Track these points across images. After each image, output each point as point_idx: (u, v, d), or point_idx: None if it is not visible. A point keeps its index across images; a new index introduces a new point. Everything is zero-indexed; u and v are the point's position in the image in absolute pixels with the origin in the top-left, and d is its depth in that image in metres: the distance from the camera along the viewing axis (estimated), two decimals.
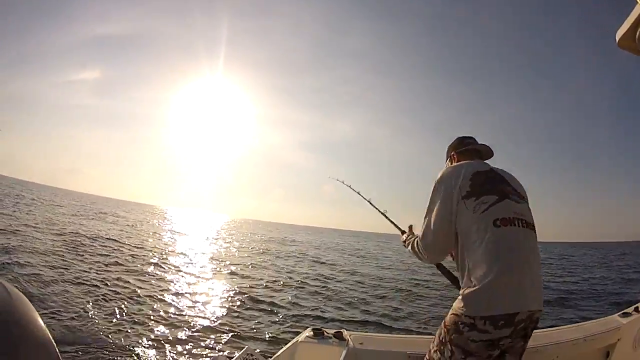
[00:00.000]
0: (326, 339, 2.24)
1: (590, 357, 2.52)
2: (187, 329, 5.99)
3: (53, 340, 0.80)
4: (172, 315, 6.67)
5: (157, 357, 4.87)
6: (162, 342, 5.34)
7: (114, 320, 5.92)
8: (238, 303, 8.02)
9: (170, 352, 5.06)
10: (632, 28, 1.37)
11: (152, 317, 6.35)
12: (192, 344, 5.42)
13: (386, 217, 2.72)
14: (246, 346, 2.44)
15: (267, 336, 6.08)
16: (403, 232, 2.35)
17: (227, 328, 6.24)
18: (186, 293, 8.63)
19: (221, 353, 5.23)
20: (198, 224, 58.12)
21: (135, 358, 4.73)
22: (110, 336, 5.23)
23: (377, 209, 2.84)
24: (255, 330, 6.28)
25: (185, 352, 5.13)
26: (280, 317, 7.23)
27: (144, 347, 5.07)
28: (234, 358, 2.31)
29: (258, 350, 2.49)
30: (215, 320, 6.69)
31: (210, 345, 5.45)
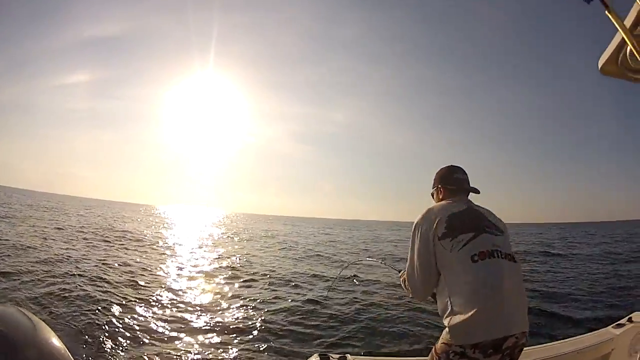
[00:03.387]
0: None
1: None
2: None
3: None
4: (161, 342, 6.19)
5: None
6: None
7: (123, 335, 6.01)
8: (232, 329, 7.13)
9: None
10: (615, 53, 1.51)
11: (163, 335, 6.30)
12: None
13: (385, 265, 3.01)
14: None
15: None
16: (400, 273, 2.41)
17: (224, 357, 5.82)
18: (164, 314, 7.84)
19: None
20: (193, 220, 60.23)
21: None
22: (124, 351, 5.41)
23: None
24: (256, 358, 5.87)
25: None
26: (282, 342, 6.63)
27: None
28: None
29: None
30: (208, 350, 6.05)
31: None
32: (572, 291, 10.50)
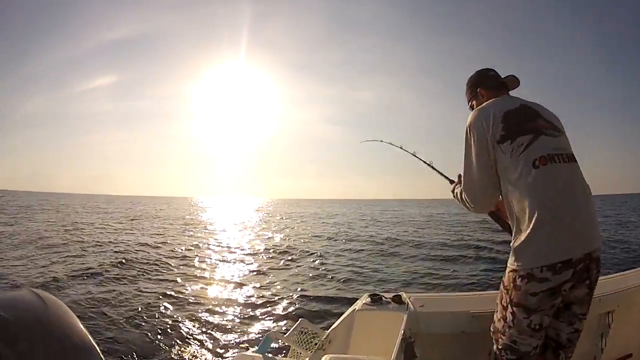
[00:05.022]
0: (385, 305, 2.20)
1: None
2: (238, 307, 6.16)
3: (96, 345, 0.76)
4: (223, 296, 6.82)
5: (209, 342, 4.93)
6: (210, 328, 5.39)
7: (157, 316, 5.83)
8: (287, 277, 8.06)
9: (224, 331, 5.17)
10: None
11: (197, 303, 6.44)
12: (244, 320, 5.53)
13: (433, 168, 2.57)
14: (300, 319, 2.36)
15: (321, 307, 5.94)
16: (452, 182, 2.21)
17: (278, 303, 6.23)
18: (233, 273, 8.99)
19: (274, 329, 5.03)
20: (237, 210, 62.13)
21: (187, 351, 4.72)
22: (154, 333, 5.18)
23: (423, 160, 2.66)
24: (308, 301, 6.20)
25: (239, 328, 5.26)
26: (333, 284, 7.22)
27: (195, 339, 5.06)
28: (289, 332, 2.21)
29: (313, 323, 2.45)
30: (263, 296, 6.67)
31: (263, 320, 5.52)
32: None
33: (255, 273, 9.19)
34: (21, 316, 0.72)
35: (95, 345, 0.77)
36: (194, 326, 5.36)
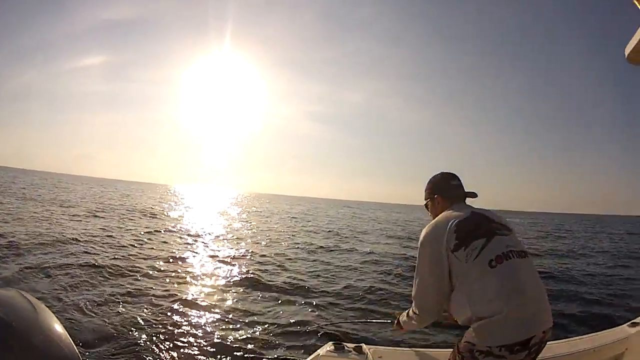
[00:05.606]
0: (346, 353, 2.35)
1: None
2: (193, 349, 5.25)
3: (77, 351, 0.83)
4: (175, 330, 5.75)
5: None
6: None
7: (128, 321, 5.68)
8: (244, 309, 7.02)
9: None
10: None
11: (160, 326, 5.77)
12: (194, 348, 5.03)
13: (371, 322, 3.34)
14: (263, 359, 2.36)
15: (284, 350, 5.44)
16: (392, 322, 2.31)
17: (239, 344, 5.44)
18: (177, 302, 7.16)
19: None
20: (201, 201, 61.23)
21: None
22: (126, 339, 5.07)
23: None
24: (270, 344, 5.60)
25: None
26: (298, 329, 6.41)
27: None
28: None
29: None
30: (224, 334, 5.77)
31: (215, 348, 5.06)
32: (587, 289, 9.92)
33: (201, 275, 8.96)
34: (12, 318, 0.76)
35: (79, 355, 0.82)
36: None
